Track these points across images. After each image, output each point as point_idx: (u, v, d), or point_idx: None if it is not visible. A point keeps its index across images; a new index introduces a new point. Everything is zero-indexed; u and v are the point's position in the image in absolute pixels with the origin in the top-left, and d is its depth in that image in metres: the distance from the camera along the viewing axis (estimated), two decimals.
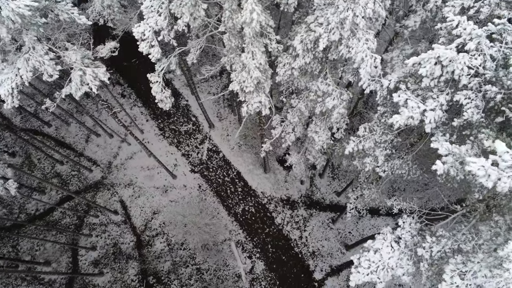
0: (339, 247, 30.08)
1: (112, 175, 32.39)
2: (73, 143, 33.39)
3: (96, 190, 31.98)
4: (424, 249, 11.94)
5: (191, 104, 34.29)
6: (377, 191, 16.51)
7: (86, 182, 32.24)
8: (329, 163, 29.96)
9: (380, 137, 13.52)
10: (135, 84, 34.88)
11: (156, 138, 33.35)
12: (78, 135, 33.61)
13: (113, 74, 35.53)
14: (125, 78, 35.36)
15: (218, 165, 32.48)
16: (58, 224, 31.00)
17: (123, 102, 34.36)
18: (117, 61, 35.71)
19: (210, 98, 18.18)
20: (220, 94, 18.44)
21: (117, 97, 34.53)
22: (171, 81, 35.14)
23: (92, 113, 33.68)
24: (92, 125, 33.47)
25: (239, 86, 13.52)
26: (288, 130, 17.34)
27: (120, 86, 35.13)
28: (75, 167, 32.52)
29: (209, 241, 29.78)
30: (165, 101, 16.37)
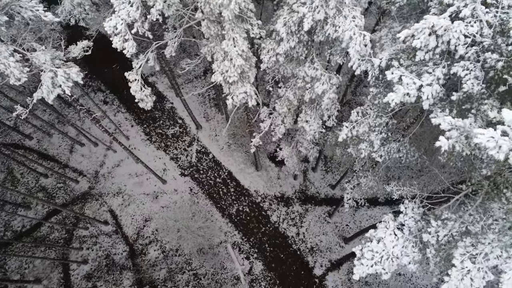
0: (337, 241, 29.35)
1: (100, 185, 31.20)
2: (56, 154, 32.10)
3: (84, 202, 30.74)
4: (430, 234, 11.19)
5: (176, 106, 33.27)
6: (374, 179, 15.77)
7: (73, 194, 30.98)
8: (321, 156, 29.24)
9: (374, 121, 12.76)
10: (117, 90, 33.74)
11: (143, 143, 32.26)
12: (61, 146, 32.33)
13: (94, 81, 34.40)
14: (106, 84, 34.20)
15: (209, 167, 31.52)
16: (47, 239, 29.68)
17: (106, 109, 33.19)
18: (98, 67, 34.70)
19: (194, 93, 17.17)
20: (204, 89, 17.49)
21: (100, 104, 33.36)
22: (154, 84, 34.10)
23: (75, 122, 32.48)
24: (75, 134, 32.25)
25: (222, 76, 12.64)
26: (277, 122, 16.50)
27: (102, 93, 33.95)
28: (61, 179, 31.25)
29: (204, 245, 28.78)
30: (145, 100, 15.40)
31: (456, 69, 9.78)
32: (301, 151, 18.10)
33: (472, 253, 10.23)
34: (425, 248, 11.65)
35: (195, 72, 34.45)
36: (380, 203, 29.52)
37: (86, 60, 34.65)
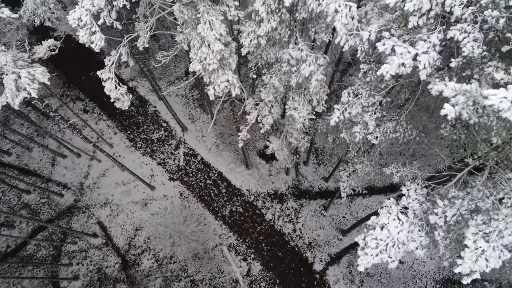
0: (335, 234, 28.49)
1: (86, 197, 29.80)
2: (38, 169, 30.60)
3: (71, 215, 29.31)
4: (437, 216, 10.32)
5: (159, 109, 32.06)
6: (370, 164, 14.90)
7: (58, 208, 29.53)
8: (312, 149, 28.35)
9: (367, 100, 11.88)
10: (97, 98, 32.38)
11: (128, 150, 30.96)
12: (42, 159, 30.84)
13: (72, 90, 33.01)
14: (85, 92, 32.82)
15: (198, 169, 30.39)
16: (34, 257, 28.18)
17: (86, 118, 31.82)
18: (75, 76, 33.26)
19: (173, 89, 16.08)
20: (183, 84, 16.42)
21: (80, 114, 31.97)
22: (135, 88, 32.85)
23: (55, 134, 31.04)
24: (56, 147, 30.81)
25: (201, 65, 11.61)
26: (264, 112, 15.53)
27: (81, 102, 32.56)
28: (44, 194, 29.77)
29: (199, 249, 27.63)
30: (122, 99, 14.27)
31: (453, 33, 8.93)
32: (291, 142, 17.16)
33: (485, 231, 9.37)
34: (433, 231, 10.78)
35: (177, 74, 33.30)
36: (376, 191, 28.79)
37: (63, 70, 33.47)
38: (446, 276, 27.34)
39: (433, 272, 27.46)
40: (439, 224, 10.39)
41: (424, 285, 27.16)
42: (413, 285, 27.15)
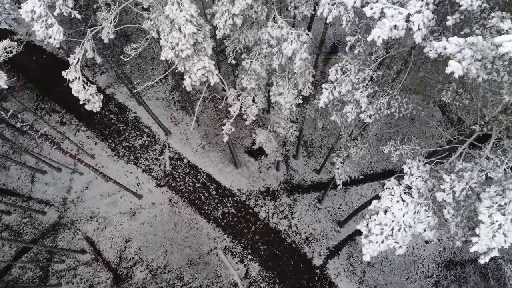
0: (332, 226, 27.55)
1: (70, 212, 28.24)
2: (17, 187, 28.89)
3: (55, 233, 27.71)
4: (444, 192, 9.37)
5: (140, 115, 30.69)
6: (365, 146, 13.95)
7: (42, 227, 27.89)
8: (301, 141, 27.37)
9: (357, 76, 10.89)
10: (73, 108, 30.79)
11: (110, 160, 29.50)
12: (21, 177, 29.15)
13: (47, 103, 31.39)
14: (61, 104, 31.22)
15: (185, 172, 29.11)
16: (20, 281, 26.50)
17: (64, 130, 30.25)
18: (49, 87, 31.60)
19: (148, 84, 14.87)
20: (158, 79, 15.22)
21: (57, 126, 30.39)
22: (113, 95, 31.40)
23: (32, 149, 29.37)
24: (35, 163, 29.16)
25: (173, 52, 10.47)
26: (248, 102, 14.46)
27: (57, 114, 30.95)
28: (26, 214, 28.10)
29: (193, 255, 26.35)
30: (92, 100, 13.00)
31: None
32: (279, 132, 16.13)
33: (499, 203, 8.44)
34: (441, 210, 9.83)
35: (155, 77, 31.96)
36: (369, 179, 27.96)
37: (35, 82, 31.84)
38: (447, 258, 26.65)
39: (434, 255, 26.74)
40: (447, 201, 9.44)
41: (426, 270, 26.42)
42: (415, 270, 26.38)
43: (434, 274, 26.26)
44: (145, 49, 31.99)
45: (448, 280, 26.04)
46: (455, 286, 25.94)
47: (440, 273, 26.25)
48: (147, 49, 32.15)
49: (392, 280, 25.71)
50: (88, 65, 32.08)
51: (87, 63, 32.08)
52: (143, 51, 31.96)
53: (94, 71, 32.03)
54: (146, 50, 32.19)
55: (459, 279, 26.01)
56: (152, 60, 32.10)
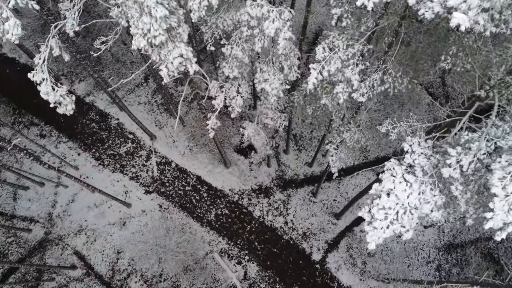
0: (328, 219, 26.77)
1: (57, 227, 26.87)
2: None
3: (43, 250, 26.31)
4: (451, 167, 8.59)
5: (123, 121, 29.48)
6: (359, 129, 13.16)
7: (28, 245, 26.46)
8: (290, 135, 26.54)
9: (346, 52, 10.07)
10: (53, 119, 29.43)
11: (95, 170, 28.23)
12: (2, 195, 27.66)
13: (24, 116, 29.96)
14: (39, 116, 29.79)
15: (174, 176, 28.02)
16: None
17: (44, 143, 28.86)
18: (26, 100, 30.21)
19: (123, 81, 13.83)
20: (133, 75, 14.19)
21: (36, 139, 28.99)
22: (93, 103, 30.12)
23: (12, 165, 27.92)
24: (16, 179, 27.71)
25: (145, 39, 9.51)
26: (232, 94, 13.56)
27: (36, 127, 29.54)
28: (10, 233, 26.64)
29: (189, 261, 25.28)
30: (64, 102, 11.93)
31: None
32: (267, 123, 15.27)
33: None
34: (449, 187, 9.06)
35: (135, 81, 30.81)
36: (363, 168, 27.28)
37: (9, 96, 30.37)
38: (447, 241, 26.12)
39: (434, 240, 26.19)
40: (454, 177, 8.66)
41: (427, 255, 25.83)
42: (416, 256, 25.78)
43: (435, 258, 25.70)
44: (123, 53, 30.97)
45: (450, 264, 25.49)
46: (457, 269, 25.41)
47: (441, 257, 25.69)
48: (125, 53, 31.02)
49: (394, 269, 25.04)
50: (65, 74, 30.77)
51: (63, 71, 30.78)
52: (121, 55, 30.87)
53: (71, 80, 30.72)
54: (124, 55, 31.05)
55: (460, 262, 25.48)
56: (131, 64, 30.93)
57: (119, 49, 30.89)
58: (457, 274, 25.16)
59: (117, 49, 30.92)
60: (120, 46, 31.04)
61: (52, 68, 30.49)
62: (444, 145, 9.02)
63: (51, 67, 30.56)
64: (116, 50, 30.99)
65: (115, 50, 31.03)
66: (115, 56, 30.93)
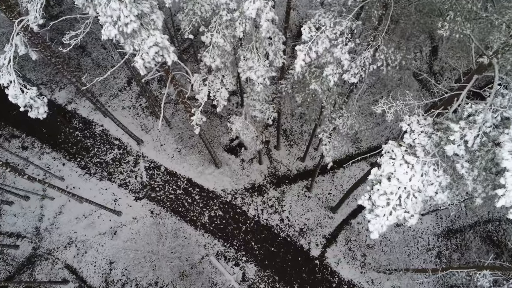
0: (325, 213, 26.09)
1: (45, 241, 25.71)
2: None
3: (32, 266, 25.14)
4: (455, 144, 7.92)
5: (107, 127, 28.43)
6: (351, 114, 12.47)
7: (16, 262, 25.24)
8: (280, 131, 25.82)
9: (334, 31, 9.35)
10: (34, 130, 28.29)
11: (82, 179, 27.13)
12: None
13: (4, 128, 28.71)
14: (19, 128, 28.60)
15: (164, 181, 27.07)
16: None
17: (27, 155, 27.68)
18: (4, 112, 28.94)
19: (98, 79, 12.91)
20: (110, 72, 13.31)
21: (18, 152, 27.79)
22: (76, 111, 29.01)
23: None
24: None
25: (116, 28, 8.67)
26: (216, 86, 12.75)
27: (17, 139, 28.32)
28: None
29: (185, 266, 24.33)
30: (35, 105, 11.01)
31: None
32: (255, 116, 14.49)
33: None
34: (453, 165, 8.39)
35: (118, 85, 29.80)
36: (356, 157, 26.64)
37: None
38: (445, 227, 25.65)
39: (432, 227, 25.69)
40: (459, 154, 7.99)
41: (427, 242, 25.32)
42: (416, 244, 25.25)
43: (435, 246, 25.19)
44: (103, 58, 29.93)
45: (450, 250, 25.00)
46: (457, 254, 24.93)
47: (441, 244, 25.20)
48: (105, 58, 29.98)
49: (394, 259, 24.45)
50: (44, 83, 29.60)
51: (42, 80, 29.62)
52: (102, 60, 29.85)
53: (51, 88, 29.56)
54: (104, 59, 30.01)
55: (460, 247, 25.01)
56: (112, 68, 29.84)
57: (99, 53, 29.84)
58: (457, 259, 24.68)
59: (97, 54, 29.87)
60: (100, 51, 30.01)
61: (31, 77, 29.35)
62: (445, 121, 8.34)
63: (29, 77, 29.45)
64: (96, 55, 29.94)
65: (95, 55, 29.99)
66: (95, 62, 29.88)
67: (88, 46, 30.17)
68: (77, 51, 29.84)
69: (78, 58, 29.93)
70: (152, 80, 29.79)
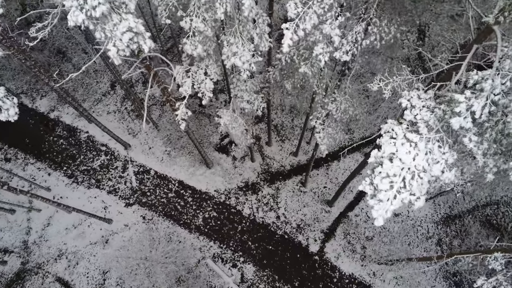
0: (321, 208, 25.37)
1: (34, 255, 24.56)
2: None
3: (22, 282, 23.97)
4: (461, 116, 7.21)
5: (93, 133, 27.38)
6: (345, 98, 11.73)
7: (5, 278, 24.06)
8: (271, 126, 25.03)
9: (322, 5, 8.60)
10: (17, 141, 27.13)
11: (69, 188, 26.03)
12: None
13: None
14: (1, 139, 27.40)
15: (155, 185, 26.10)
16: None
17: (10, 167, 26.49)
18: None
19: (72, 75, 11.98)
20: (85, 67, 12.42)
21: (1, 164, 26.59)
22: (59, 118, 27.91)
23: None
24: None
25: (83, 12, 7.79)
26: (200, 77, 11.94)
27: None
28: None
29: (181, 271, 23.39)
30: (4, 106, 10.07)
31: None
32: (244, 108, 13.69)
33: None
34: (461, 140, 7.69)
35: (101, 90, 28.77)
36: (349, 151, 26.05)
37: None
38: (444, 214, 25.11)
39: (431, 214, 25.14)
40: (466, 127, 7.28)
41: (426, 230, 24.75)
42: (415, 233, 24.66)
43: (435, 233, 24.63)
44: (85, 62, 28.85)
45: (450, 237, 24.46)
46: (458, 240, 24.39)
47: (441, 231, 24.65)
48: (87, 62, 28.85)
49: (395, 249, 23.82)
50: (24, 92, 28.43)
51: (23, 89, 28.47)
52: (84, 64, 28.68)
53: (32, 97, 28.42)
54: (86, 64, 28.89)
55: (460, 233, 24.48)
56: (95, 72, 28.88)
57: (80, 58, 28.79)
58: (458, 245, 24.14)
59: (78, 59, 28.82)
60: (82, 55, 28.96)
61: (10, 86, 28.18)
62: (448, 93, 7.64)
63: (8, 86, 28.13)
64: (77, 60, 28.89)
65: (76, 60, 28.92)
66: (76, 67, 28.80)
67: (69, 51, 29.09)
68: (57, 57, 28.76)
69: (58, 64, 28.82)
70: (136, 83, 28.84)
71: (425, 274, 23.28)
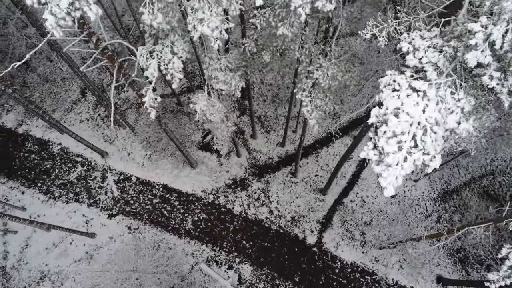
0: (315, 197, 23.99)
1: (14, 280, 22.43)
2: None
3: None
4: (478, 49, 5.85)
5: (66, 144, 25.40)
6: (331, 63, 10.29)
7: None
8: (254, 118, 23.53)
9: None
10: None
11: (46, 205, 23.99)
12: None
13: None
14: None
15: (137, 192, 24.28)
16: None
17: None
18: None
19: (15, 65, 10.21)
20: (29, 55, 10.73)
21: None
22: (28, 132, 25.82)
23: None
24: None
25: None
26: (167, 56, 10.36)
27: None
28: None
29: (173, 279, 21.51)
30: None
31: None
32: (220, 89, 12.17)
33: None
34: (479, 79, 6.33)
35: (71, 98, 26.79)
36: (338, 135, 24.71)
37: None
38: (441, 190, 24.06)
39: (428, 191, 24.05)
40: (485, 63, 5.93)
41: (425, 209, 23.63)
42: (414, 213, 23.52)
43: (434, 210, 23.53)
44: (51, 71, 26.95)
45: (449, 212, 23.39)
46: (458, 215, 23.34)
47: (439, 208, 23.57)
48: (53, 71, 26.94)
49: (395, 231, 22.57)
50: None
51: None
52: (50, 73, 26.77)
53: None
54: (52, 72, 26.95)
55: (459, 207, 23.44)
56: (63, 80, 26.90)
57: (45, 67, 26.77)
58: (459, 220, 23.08)
59: (43, 68, 26.79)
60: (47, 64, 26.96)
61: None
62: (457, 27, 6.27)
63: None
64: (42, 69, 26.85)
65: (41, 70, 26.89)
66: (42, 77, 26.77)
67: (32, 61, 27.01)
68: (20, 68, 26.65)
69: (22, 76, 26.74)
70: (108, 87, 26.97)
71: (429, 254, 22.12)
